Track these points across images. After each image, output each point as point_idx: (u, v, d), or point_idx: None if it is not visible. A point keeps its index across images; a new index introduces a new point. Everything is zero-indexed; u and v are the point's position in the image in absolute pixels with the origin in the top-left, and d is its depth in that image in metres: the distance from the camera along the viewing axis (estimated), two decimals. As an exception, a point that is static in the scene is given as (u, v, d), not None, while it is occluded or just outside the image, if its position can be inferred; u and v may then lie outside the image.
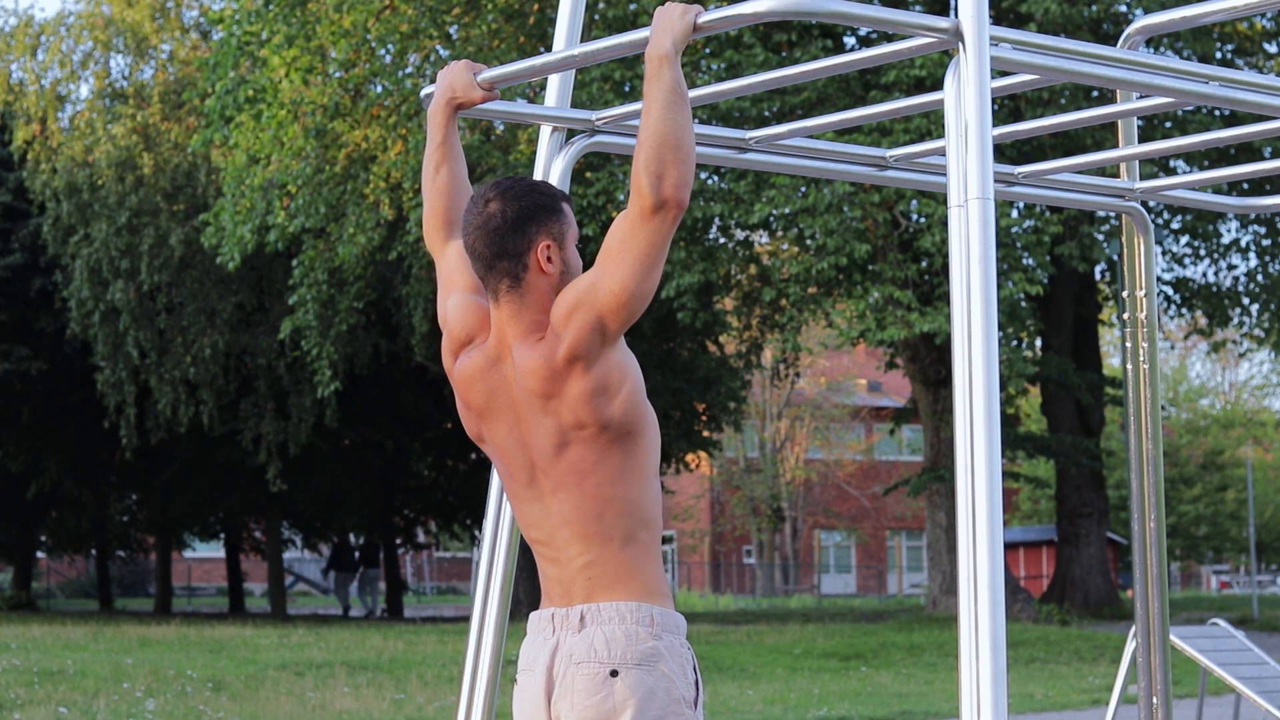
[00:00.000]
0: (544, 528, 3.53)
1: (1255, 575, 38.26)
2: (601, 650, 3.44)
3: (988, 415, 3.22)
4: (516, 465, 3.54)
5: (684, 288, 21.75)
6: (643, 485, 3.48)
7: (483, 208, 3.50)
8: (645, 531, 3.49)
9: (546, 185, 3.55)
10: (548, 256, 3.47)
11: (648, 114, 3.36)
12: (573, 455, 3.44)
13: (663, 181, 3.32)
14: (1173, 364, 58.23)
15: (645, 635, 3.45)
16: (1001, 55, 3.54)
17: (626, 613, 3.45)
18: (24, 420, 30.54)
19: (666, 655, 3.46)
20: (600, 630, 3.45)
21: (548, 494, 3.50)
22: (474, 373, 3.56)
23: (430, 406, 31.08)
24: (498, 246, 3.47)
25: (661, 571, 3.54)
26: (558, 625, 3.51)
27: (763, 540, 55.14)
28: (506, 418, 3.53)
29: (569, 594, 3.50)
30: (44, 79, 28.57)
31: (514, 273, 3.47)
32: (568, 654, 3.47)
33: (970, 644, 3.13)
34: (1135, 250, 5.01)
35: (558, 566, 3.52)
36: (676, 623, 3.51)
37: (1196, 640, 9.95)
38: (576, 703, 3.44)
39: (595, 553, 3.47)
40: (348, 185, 22.71)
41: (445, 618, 31.89)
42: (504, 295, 3.49)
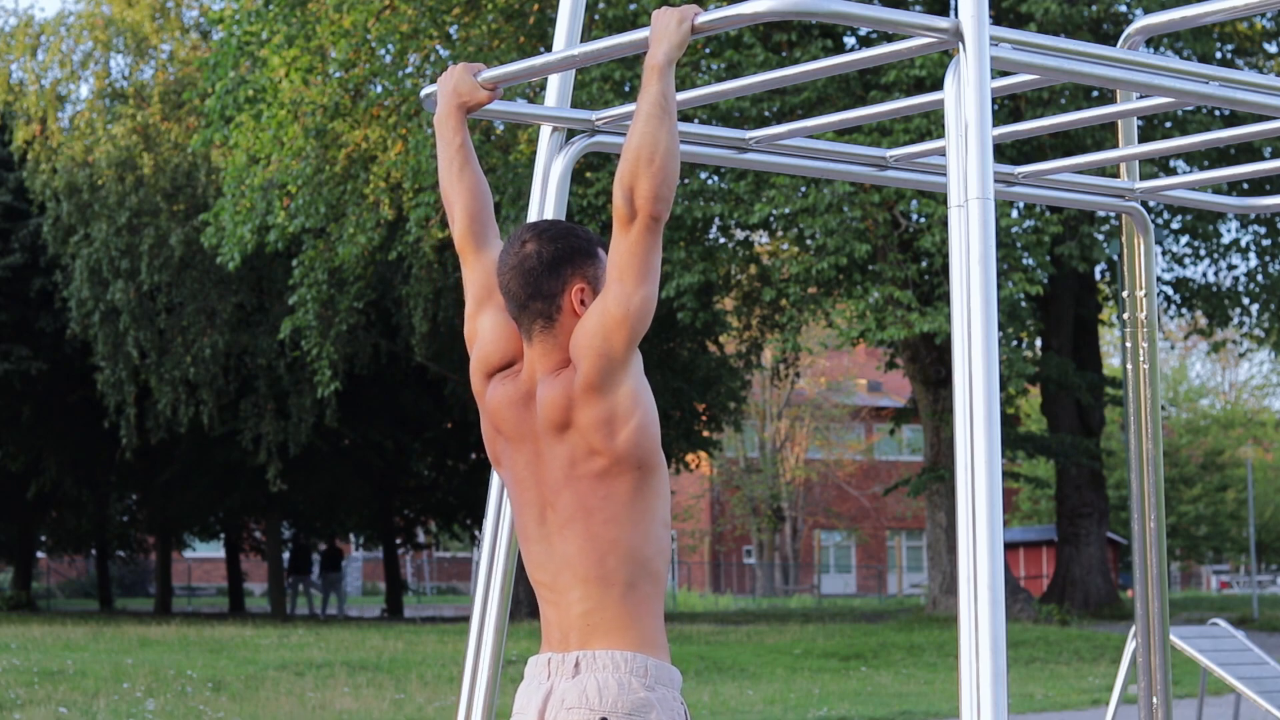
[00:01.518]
0: (548, 570, 3.53)
1: (1255, 575, 38.27)
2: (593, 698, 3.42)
3: (988, 415, 3.22)
4: (530, 499, 3.55)
5: (684, 288, 21.75)
6: (649, 530, 3.48)
7: (519, 249, 3.51)
8: (648, 582, 3.49)
9: (584, 230, 3.57)
10: (581, 300, 3.48)
11: (633, 125, 3.38)
12: (582, 488, 3.44)
13: (634, 194, 3.34)
14: (1173, 364, 58.24)
15: (638, 686, 3.43)
16: (1001, 55, 3.54)
17: (621, 662, 3.44)
18: (24, 420, 30.53)
19: (659, 707, 3.44)
20: (594, 677, 3.43)
21: (554, 533, 3.50)
22: (505, 403, 3.56)
23: (430, 406, 31.09)
24: (532, 288, 3.48)
25: (661, 623, 3.52)
26: (553, 670, 3.50)
27: (763, 540, 55.14)
28: (528, 450, 3.53)
29: (566, 639, 3.50)
30: (44, 79, 28.57)
31: (548, 314, 3.48)
32: (560, 699, 3.46)
33: (970, 644, 3.13)
34: (1135, 250, 5.00)
35: (558, 611, 3.52)
36: (671, 676, 3.50)
37: (1196, 640, 9.94)
38: None
39: (595, 599, 3.46)
40: (348, 185, 22.71)
41: (445, 618, 31.89)
42: (537, 335, 3.50)
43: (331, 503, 35.79)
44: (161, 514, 35.83)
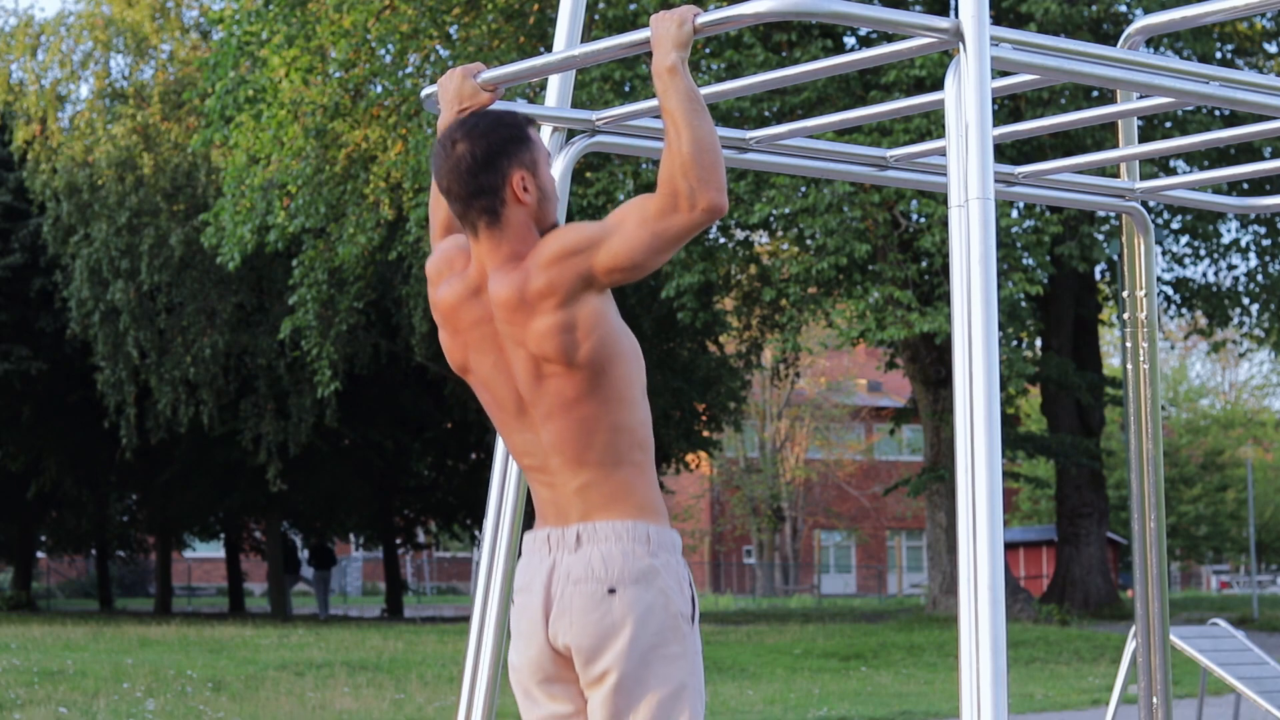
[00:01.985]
0: (536, 455, 3.56)
1: (1255, 575, 38.26)
2: (599, 569, 3.46)
3: (988, 415, 3.22)
4: (504, 395, 3.56)
5: (684, 288, 21.75)
6: (630, 410, 3.51)
7: (450, 150, 3.52)
8: (638, 451, 3.52)
9: (510, 115, 3.57)
10: (524, 186, 3.50)
11: (672, 124, 3.39)
12: (553, 387, 3.48)
13: (705, 189, 3.35)
14: (1173, 364, 58.24)
15: (642, 553, 3.47)
16: (1001, 55, 3.54)
17: (623, 531, 3.47)
18: (24, 420, 30.53)
19: (663, 572, 3.48)
20: (597, 549, 3.47)
21: (538, 423, 3.53)
22: (454, 300, 3.59)
23: (430, 406, 31.09)
24: (472, 185, 3.49)
25: (656, 489, 3.56)
26: (554, 545, 3.53)
27: (763, 540, 55.14)
28: (490, 348, 3.55)
29: (564, 514, 3.53)
30: (44, 79, 28.57)
31: (491, 208, 3.49)
32: (565, 573, 3.49)
33: (970, 644, 3.13)
34: (1135, 250, 5.01)
35: (552, 490, 3.55)
36: (672, 540, 3.54)
37: (1196, 640, 9.94)
38: (575, 621, 3.47)
39: (589, 475, 3.49)
40: (348, 185, 22.71)
41: (445, 618, 31.89)
42: (484, 230, 3.51)
43: (331, 503, 35.78)
44: (161, 514, 35.82)
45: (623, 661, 3.44)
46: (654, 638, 3.46)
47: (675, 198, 3.35)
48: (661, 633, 3.46)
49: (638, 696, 3.45)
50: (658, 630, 3.46)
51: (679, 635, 3.48)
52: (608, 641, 3.45)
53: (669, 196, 3.36)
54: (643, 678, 3.45)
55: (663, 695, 3.46)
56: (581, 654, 3.48)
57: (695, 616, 3.54)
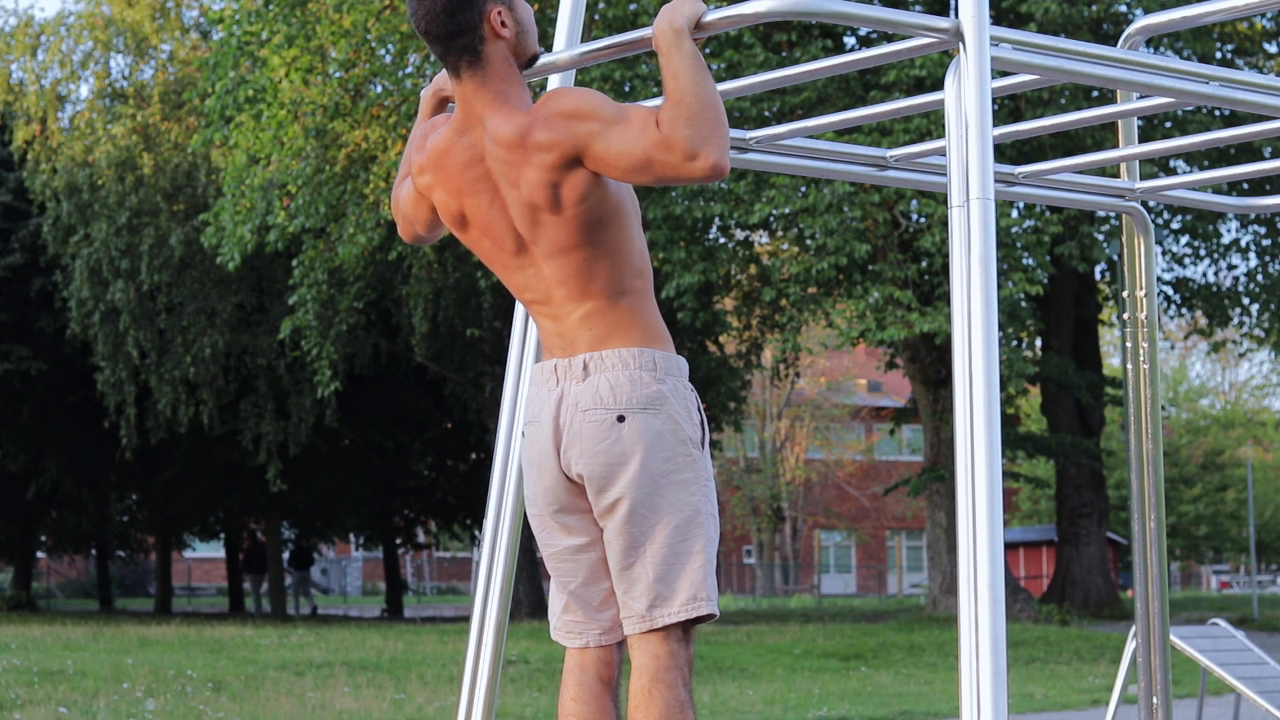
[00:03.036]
0: (538, 290, 3.58)
1: (1255, 575, 38.26)
2: (607, 396, 3.48)
3: (988, 415, 3.22)
4: (503, 235, 3.57)
5: (684, 288, 21.75)
6: (628, 247, 3.53)
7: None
8: (638, 279, 3.55)
9: None
10: (501, 21, 3.52)
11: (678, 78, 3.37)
12: (549, 233, 3.50)
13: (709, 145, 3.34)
14: (1173, 364, 58.23)
15: (649, 379, 3.49)
16: (1001, 55, 3.54)
17: (629, 358, 3.50)
18: (24, 420, 30.53)
19: (671, 398, 3.51)
20: (605, 377, 3.49)
21: (540, 260, 3.54)
22: (444, 145, 3.60)
23: (430, 406, 31.10)
24: (450, 25, 3.50)
25: (658, 316, 3.58)
26: (561, 375, 3.55)
27: (763, 540, 55.13)
28: (485, 188, 3.56)
29: (571, 344, 3.55)
30: (44, 79, 28.57)
31: (471, 46, 3.51)
32: (574, 402, 3.51)
33: (970, 644, 3.13)
34: (1135, 250, 5.01)
35: (556, 321, 3.57)
36: (679, 365, 3.56)
37: (1196, 640, 9.94)
38: (585, 449, 3.49)
39: (592, 305, 3.52)
40: (348, 185, 22.71)
41: (445, 618, 31.88)
42: (465, 70, 3.53)
43: (331, 503, 35.79)
44: (161, 514, 35.83)
45: (635, 488, 3.46)
46: (664, 464, 3.47)
47: (672, 140, 3.34)
48: (671, 459, 3.47)
49: (651, 524, 3.47)
50: (668, 456, 3.47)
51: (689, 460, 3.49)
52: (619, 469, 3.46)
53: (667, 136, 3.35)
54: (655, 504, 3.47)
55: (677, 521, 3.47)
56: (594, 482, 3.49)
57: (705, 441, 3.54)
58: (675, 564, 3.47)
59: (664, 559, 3.47)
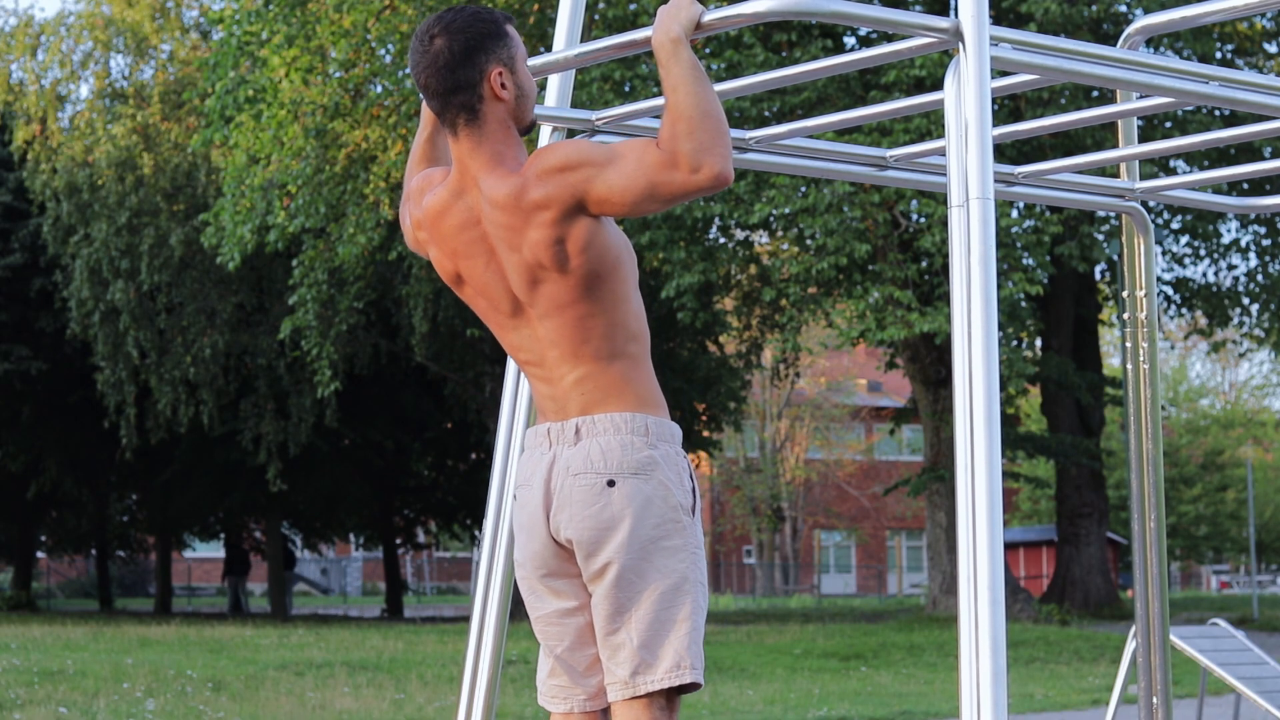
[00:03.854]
0: (533, 350, 3.56)
1: (1255, 575, 38.26)
2: (598, 461, 3.46)
3: (988, 415, 3.22)
4: (499, 297, 3.56)
5: (684, 288, 21.74)
6: (625, 306, 3.51)
7: (429, 45, 3.51)
8: (634, 344, 3.52)
9: (488, 11, 3.57)
10: (501, 83, 3.49)
11: (676, 91, 3.36)
12: (547, 291, 3.48)
13: (710, 154, 3.33)
14: (1173, 364, 58.23)
15: (641, 445, 3.47)
16: (1001, 55, 3.54)
17: (621, 423, 3.47)
18: (24, 420, 30.53)
19: (663, 464, 3.48)
20: (596, 442, 3.47)
21: (534, 320, 3.53)
22: (440, 207, 3.58)
23: (430, 406, 31.09)
24: (450, 81, 3.48)
25: (653, 381, 3.55)
26: (554, 439, 3.53)
27: (763, 540, 55.13)
28: (480, 250, 3.54)
29: (563, 408, 3.53)
30: (44, 79, 28.57)
31: (470, 104, 3.49)
32: (565, 466, 3.49)
33: (970, 644, 3.13)
34: (1135, 250, 5.01)
35: (550, 384, 3.55)
36: (671, 431, 3.53)
37: (1196, 640, 9.94)
38: (575, 514, 3.46)
39: (586, 369, 3.50)
40: (348, 185, 22.72)
41: (445, 618, 31.88)
42: (463, 129, 3.51)
43: (331, 503, 35.78)
44: (161, 514, 35.83)
45: (623, 554, 3.43)
46: (654, 530, 3.44)
47: (675, 155, 3.33)
48: (661, 525, 3.45)
49: (639, 589, 3.44)
50: (658, 522, 3.45)
51: (679, 527, 3.47)
52: (608, 534, 3.44)
53: (669, 155, 3.34)
54: (643, 570, 3.44)
55: (664, 588, 3.45)
56: (583, 547, 3.47)
57: (696, 508, 3.52)
58: (660, 631, 3.44)
59: (649, 625, 3.44)
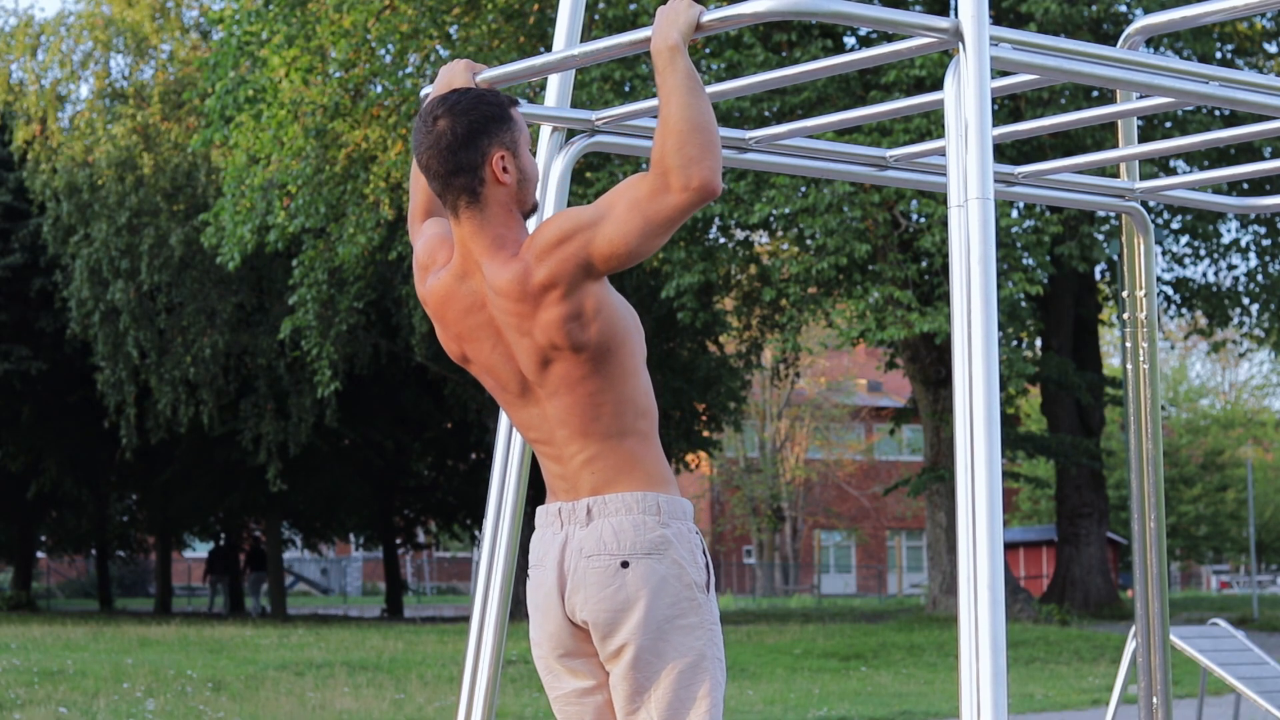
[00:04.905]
0: (542, 429, 3.55)
1: (1255, 575, 38.26)
2: (611, 542, 3.45)
3: (988, 415, 3.22)
4: (506, 378, 3.55)
5: (684, 288, 21.75)
6: (634, 382, 3.50)
7: (431, 126, 3.50)
8: (643, 421, 3.51)
9: (493, 94, 3.55)
10: (503, 167, 3.48)
11: (669, 102, 3.36)
12: (558, 369, 3.47)
13: (699, 166, 3.32)
14: (1173, 364, 58.24)
15: (653, 524, 3.46)
16: (1001, 55, 3.54)
17: (633, 503, 3.46)
18: (24, 420, 30.53)
19: (675, 542, 3.47)
20: (608, 522, 3.46)
21: (543, 400, 3.52)
22: (444, 291, 3.57)
23: (430, 406, 31.09)
24: (452, 163, 3.47)
25: (663, 458, 3.55)
26: (565, 519, 3.52)
27: (763, 540, 55.13)
28: (487, 334, 3.54)
29: (574, 488, 3.52)
30: (44, 79, 28.57)
31: (471, 187, 3.47)
32: (578, 548, 3.49)
33: (970, 644, 3.13)
34: (1135, 250, 5.01)
35: (560, 463, 3.54)
36: (683, 509, 3.52)
37: (1196, 640, 9.94)
38: (590, 596, 3.46)
39: (596, 448, 3.49)
40: (348, 185, 22.72)
41: (445, 618, 31.88)
42: (464, 211, 3.49)
43: (331, 503, 35.79)
44: (161, 514, 35.83)
45: (640, 634, 3.43)
46: (669, 609, 3.44)
47: (666, 176, 3.32)
48: (677, 604, 3.45)
49: (657, 669, 3.44)
50: (673, 601, 3.44)
51: (694, 605, 3.46)
52: (623, 615, 3.44)
53: (660, 176, 3.34)
54: (661, 650, 3.44)
55: (682, 666, 3.45)
56: (599, 629, 3.47)
57: (711, 584, 3.52)
58: (680, 709, 3.45)
59: (669, 705, 3.45)
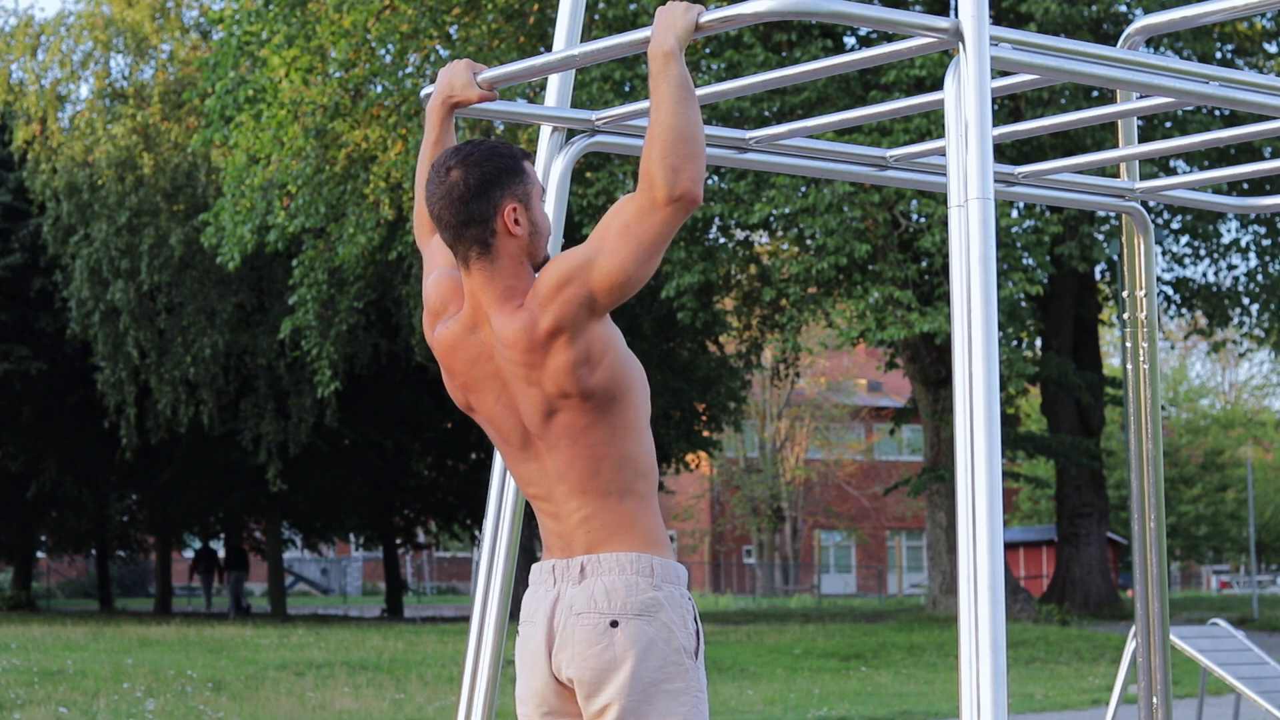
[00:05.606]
0: (541, 485, 3.54)
1: (1255, 575, 38.26)
2: (601, 601, 3.44)
3: (988, 415, 3.22)
4: (509, 430, 3.54)
5: (684, 288, 21.75)
6: (636, 439, 3.49)
7: (444, 176, 3.49)
8: (642, 482, 3.50)
9: (506, 146, 3.54)
10: (515, 219, 3.47)
11: (658, 109, 3.36)
12: (563, 420, 3.45)
13: (680, 175, 3.32)
14: (1173, 364, 58.23)
15: (645, 586, 3.44)
16: (1001, 55, 3.54)
17: (626, 563, 3.45)
18: (24, 420, 30.53)
19: (667, 605, 3.45)
20: (600, 581, 3.45)
21: (544, 454, 3.51)
22: (453, 341, 3.57)
23: (430, 406, 31.09)
24: (464, 214, 3.46)
25: (660, 521, 3.54)
26: (558, 577, 3.51)
27: (763, 540, 55.13)
28: (492, 385, 3.53)
29: (569, 546, 3.50)
30: (44, 79, 28.56)
31: (482, 239, 3.46)
32: (568, 605, 3.47)
33: (970, 644, 3.13)
34: (1135, 250, 5.01)
35: (557, 521, 3.53)
36: (677, 573, 3.51)
37: (1196, 640, 9.94)
38: (577, 654, 3.44)
39: (593, 506, 3.47)
40: (348, 185, 22.72)
41: (445, 618, 31.89)
42: (474, 262, 3.48)
43: (331, 503, 35.79)
44: (161, 514, 35.83)
45: (624, 695, 3.41)
46: (656, 672, 3.42)
47: (650, 189, 3.32)
48: (664, 667, 3.42)
49: None
50: (660, 665, 3.42)
51: (682, 670, 3.44)
52: (609, 675, 3.42)
53: (644, 190, 3.34)
54: (644, 713, 3.41)
55: None
56: (583, 687, 3.44)
57: (699, 651, 3.50)
58: None
59: None
